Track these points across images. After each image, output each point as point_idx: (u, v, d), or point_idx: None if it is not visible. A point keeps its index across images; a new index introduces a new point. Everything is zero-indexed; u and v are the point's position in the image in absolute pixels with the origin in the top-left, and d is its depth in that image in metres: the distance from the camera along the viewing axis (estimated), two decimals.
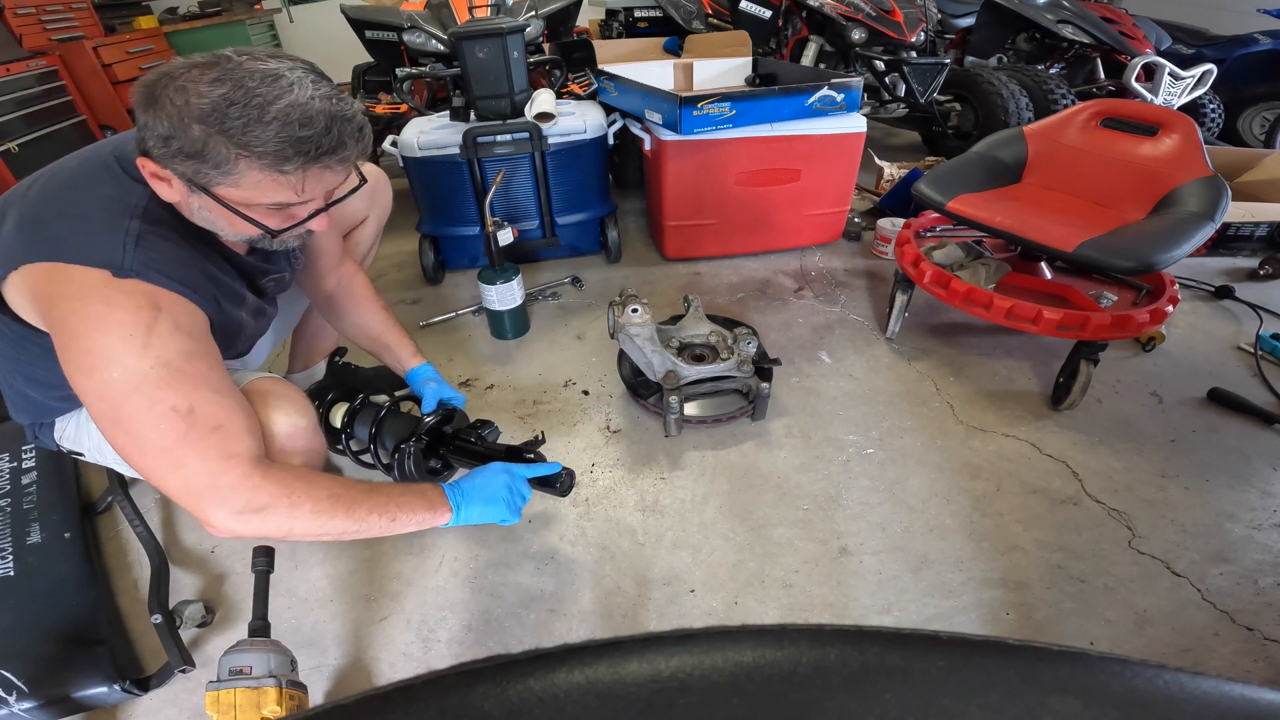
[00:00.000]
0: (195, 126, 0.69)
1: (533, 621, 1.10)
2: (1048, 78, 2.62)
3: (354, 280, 1.21)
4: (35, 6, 3.28)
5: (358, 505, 0.84)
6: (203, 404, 0.75)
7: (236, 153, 0.70)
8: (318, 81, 0.74)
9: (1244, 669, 1.00)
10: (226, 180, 0.73)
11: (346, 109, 0.75)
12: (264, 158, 0.71)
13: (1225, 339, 1.73)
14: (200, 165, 0.71)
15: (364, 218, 1.34)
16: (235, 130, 0.69)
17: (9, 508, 1.22)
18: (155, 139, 0.70)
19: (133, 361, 0.72)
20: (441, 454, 1.12)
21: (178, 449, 0.74)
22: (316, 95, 0.72)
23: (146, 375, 0.72)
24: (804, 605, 1.11)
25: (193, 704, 1.00)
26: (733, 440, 1.45)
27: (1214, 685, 0.22)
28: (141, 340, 0.72)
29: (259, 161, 0.71)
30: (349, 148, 0.76)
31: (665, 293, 2.04)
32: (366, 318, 1.21)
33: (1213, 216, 1.33)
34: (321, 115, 0.72)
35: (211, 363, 0.79)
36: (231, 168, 0.71)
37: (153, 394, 0.73)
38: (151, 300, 0.74)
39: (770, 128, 1.91)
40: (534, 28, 2.38)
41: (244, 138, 0.69)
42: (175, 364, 0.74)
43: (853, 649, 0.23)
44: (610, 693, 0.22)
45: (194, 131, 0.69)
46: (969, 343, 1.74)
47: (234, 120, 0.68)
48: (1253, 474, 1.31)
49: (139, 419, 0.73)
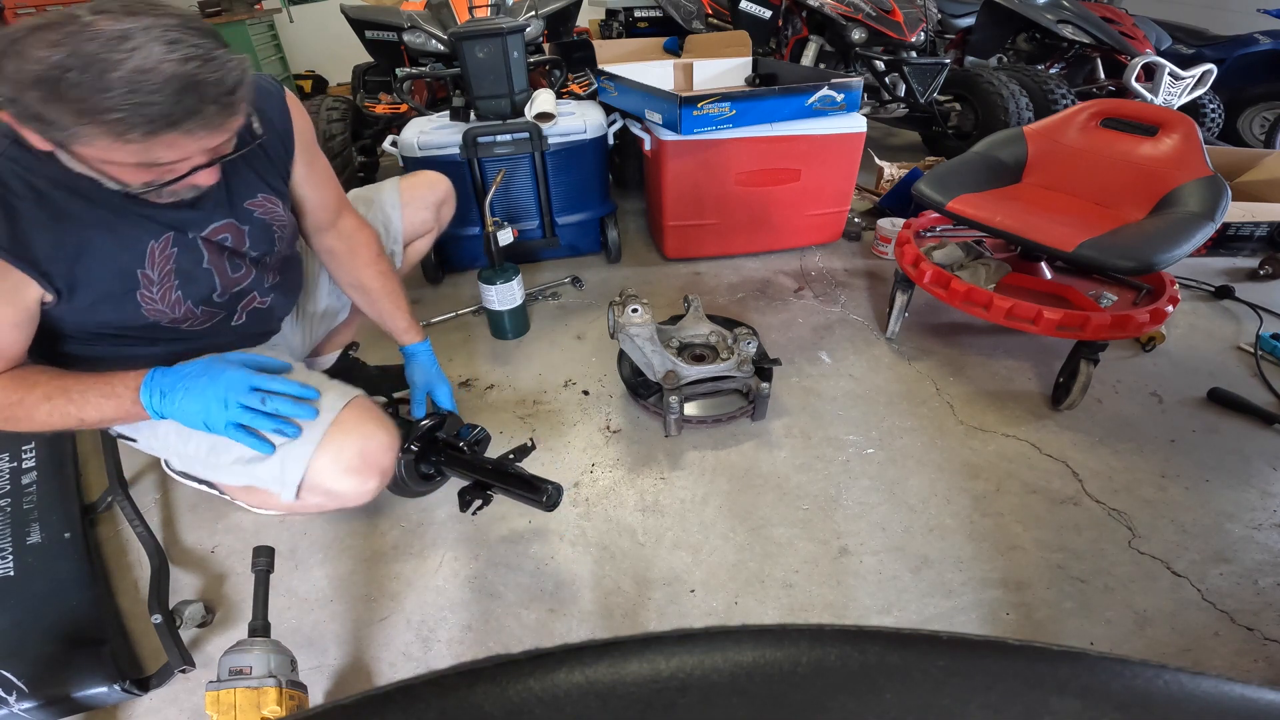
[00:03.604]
0: (30, 92, 0.65)
1: (533, 621, 1.10)
2: (1048, 78, 2.62)
3: (355, 237, 1.18)
4: (35, 6, 3.28)
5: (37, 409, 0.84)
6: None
7: (76, 120, 0.66)
8: (175, 42, 0.67)
9: (1244, 669, 1.00)
10: (76, 142, 0.69)
11: (206, 72, 0.69)
12: (104, 125, 0.66)
13: (1225, 339, 1.73)
14: (45, 128, 0.68)
15: (429, 229, 1.37)
16: (72, 98, 0.65)
17: (9, 508, 1.22)
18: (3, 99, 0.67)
19: None
20: (433, 461, 1.10)
21: None
22: (169, 58, 0.66)
23: None
24: (804, 605, 1.11)
25: (193, 704, 1.00)
26: (733, 440, 1.45)
27: (1214, 685, 0.22)
28: None
29: (101, 129, 0.67)
30: (206, 112, 0.71)
31: (665, 293, 2.04)
32: (364, 278, 1.19)
33: (1213, 216, 1.33)
34: (172, 80, 0.67)
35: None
36: (76, 132, 0.67)
37: None
38: None
39: (770, 128, 1.91)
40: (534, 28, 2.38)
41: (82, 105, 0.65)
42: None
43: (853, 649, 0.23)
44: (610, 693, 0.22)
45: (29, 97, 0.65)
46: (969, 343, 1.74)
47: (70, 87, 0.64)
48: (1253, 474, 1.31)
49: None
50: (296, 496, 0.92)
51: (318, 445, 0.90)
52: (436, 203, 1.37)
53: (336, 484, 0.92)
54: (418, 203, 1.35)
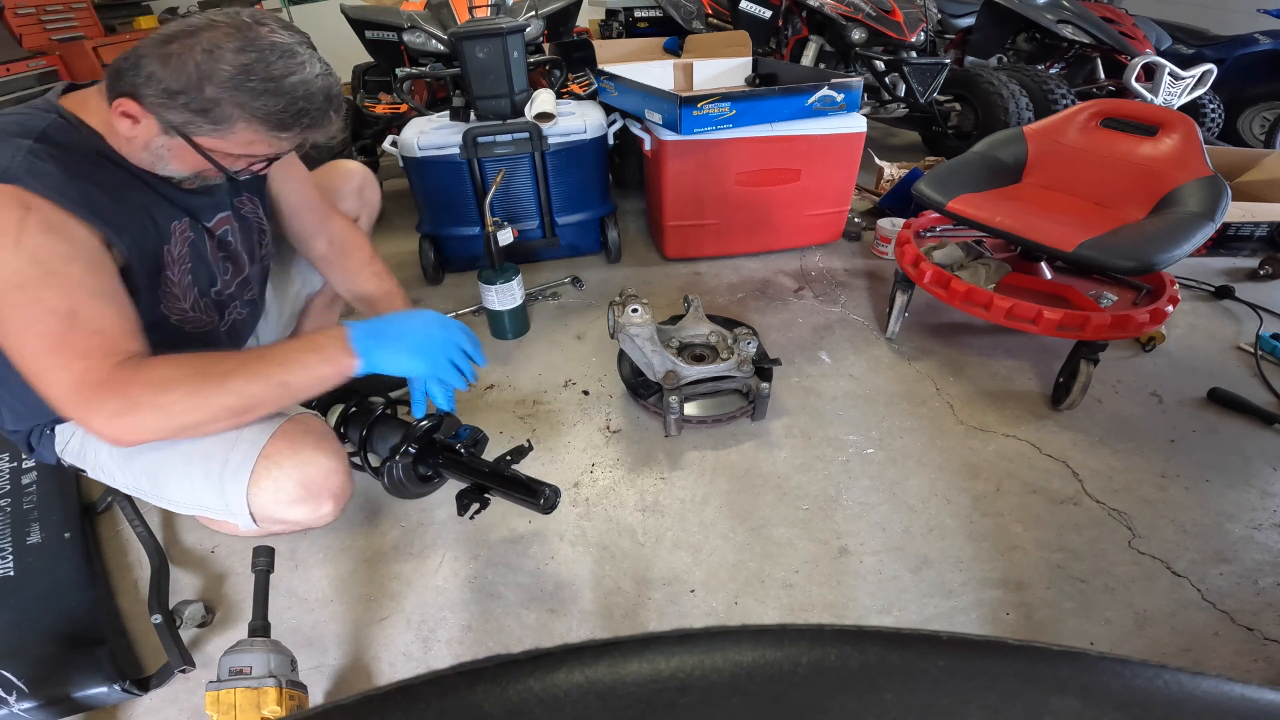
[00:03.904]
0: (211, 88, 0.75)
1: (533, 621, 1.10)
2: (1048, 78, 2.62)
3: (347, 237, 1.19)
4: (35, 6, 3.28)
5: (232, 376, 0.78)
6: (83, 308, 0.75)
7: (240, 115, 0.77)
8: (318, 60, 0.82)
9: (1244, 669, 1.00)
10: (214, 133, 0.79)
11: (337, 87, 0.84)
12: (265, 123, 0.78)
13: (1225, 339, 1.73)
14: (198, 120, 0.77)
15: (356, 216, 1.35)
16: (247, 97, 0.76)
17: (9, 508, 1.22)
18: (159, 89, 0.75)
19: (9, 259, 0.71)
20: (431, 463, 1.08)
21: (57, 353, 0.73)
22: (319, 73, 0.81)
23: (25, 274, 0.72)
24: (804, 605, 1.11)
25: (193, 704, 1.00)
26: (733, 440, 1.45)
27: (1214, 685, 0.22)
28: (12, 238, 0.71)
29: (258, 124, 0.78)
30: (334, 121, 0.85)
31: (665, 293, 2.04)
32: (359, 281, 1.19)
33: (1213, 216, 1.33)
34: (321, 93, 0.81)
35: (93, 267, 0.77)
36: (229, 127, 0.78)
37: (34, 294, 0.73)
38: (21, 201, 0.72)
39: (770, 128, 1.91)
40: (534, 28, 2.38)
41: (254, 104, 0.76)
42: (52, 264, 0.73)
43: (853, 649, 0.23)
44: (610, 693, 0.22)
45: (208, 91, 0.75)
46: (969, 343, 1.74)
47: (249, 88, 0.75)
48: (1253, 474, 1.31)
49: (19, 318, 0.73)
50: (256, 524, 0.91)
51: (249, 481, 0.87)
52: (355, 189, 1.34)
53: (286, 514, 0.90)
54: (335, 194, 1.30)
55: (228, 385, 0.78)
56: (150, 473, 0.93)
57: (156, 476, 0.93)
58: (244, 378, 0.79)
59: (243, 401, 0.79)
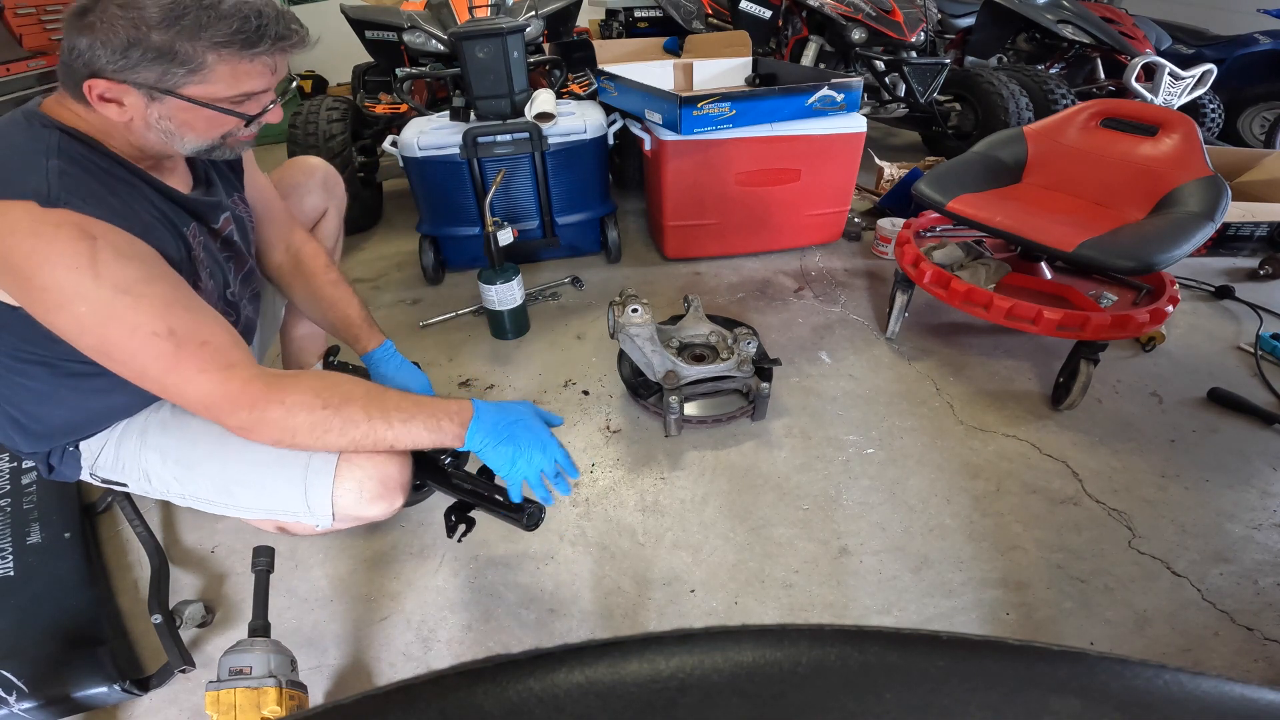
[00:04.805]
0: (154, 34, 0.71)
1: (533, 621, 1.10)
2: (1048, 78, 2.62)
3: (304, 249, 1.19)
4: (35, 6, 3.28)
5: (353, 427, 0.84)
6: (180, 324, 0.76)
7: (203, 48, 0.74)
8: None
9: (1244, 669, 1.00)
10: (194, 78, 0.76)
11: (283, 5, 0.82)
12: (230, 47, 0.75)
13: (1225, 339, 1.73)
14: (169, 67, 0.74)
15: (324, 209, 1.35)
16: (194, 28, 0.73)
17: (9, 508, 1.22)
18: (111, 54, 0.71)
19: (92, 293, 0.72)
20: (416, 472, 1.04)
21: (178, 370, 0.76)
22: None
23: (113, 305, 0.72)
24: (804, 605, 1.11)
25: (193, 704, 1.00)
26: (733, 440, 1.45)
27: (1214, 685, 0.22)
28: (90, 271, 0.71)
29: (227, 51, 0.75)
30: (297, 33, 0.82)
31: (665, 293, 2.04)
32: (316, 289, 1.18)
33: (1213, 216, 1.33)
34: (266, 6, 0.78)
35: (173, 283, 0.79)
36: (200, 63, 0.75)
37: (129, 322, 0.73)
38: (83, 230, 0.72)
39: (770, 128, 1.91)
40: (534, 28, 2.38)
41: (206, 34, 0.73)
42: (135, 289, 0.74)
43: (853, 649, 0.23)
44: (610, 693, 0.22)
45: (154, 38, 0.72)
46: (969, 343, 1.74)
47: (190, 20, 0.72)
48: (1253, 474, 1.31)
49: (127, 348, 0.74)
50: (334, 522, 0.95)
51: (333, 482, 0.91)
52: (320, 182, 1.33)
53: (366, 510, 0.93)
54: (299, 190, 1.30)
55: (346, 433, 0.84)
56: (218, 483, 0.95)
57: (227, 486, 0.95)
58: (363, 430, 0.85)
59: (351, 446, 0.86)
